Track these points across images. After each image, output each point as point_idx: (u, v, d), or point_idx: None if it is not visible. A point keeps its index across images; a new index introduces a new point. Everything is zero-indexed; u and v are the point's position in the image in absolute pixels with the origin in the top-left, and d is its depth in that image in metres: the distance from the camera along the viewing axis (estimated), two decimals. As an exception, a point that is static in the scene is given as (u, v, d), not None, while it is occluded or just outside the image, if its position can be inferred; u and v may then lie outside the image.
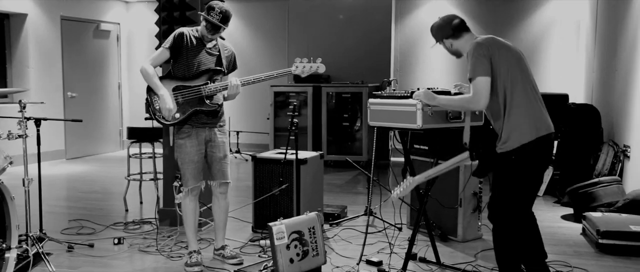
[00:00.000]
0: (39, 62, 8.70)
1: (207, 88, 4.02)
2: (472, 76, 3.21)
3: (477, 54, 3.22)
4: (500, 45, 3.32)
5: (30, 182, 4.09)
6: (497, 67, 3.22)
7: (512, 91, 3.23)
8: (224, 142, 4.21)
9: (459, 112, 3.74)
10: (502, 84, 3.23)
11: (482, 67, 3.19)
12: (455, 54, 3.51)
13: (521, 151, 3.18)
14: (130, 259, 4.36)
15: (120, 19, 10.35)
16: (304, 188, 4.78)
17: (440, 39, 3.49)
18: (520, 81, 3.26)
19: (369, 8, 9.11)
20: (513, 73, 3.25)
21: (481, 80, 3.19)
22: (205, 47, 4.10)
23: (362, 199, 6.38)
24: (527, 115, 3.22)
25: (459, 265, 4.12)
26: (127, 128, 5.94)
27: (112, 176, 8.35)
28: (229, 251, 4.29)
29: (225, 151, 4.21)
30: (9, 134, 3.87)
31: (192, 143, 4.09)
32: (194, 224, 4.21)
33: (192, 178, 4.12)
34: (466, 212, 4.71)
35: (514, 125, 3.21)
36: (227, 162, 4.24)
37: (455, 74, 8.99)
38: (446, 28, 3.46)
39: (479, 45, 3.26)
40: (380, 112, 3.80)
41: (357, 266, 4.09)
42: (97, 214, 5.72)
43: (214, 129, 4.14)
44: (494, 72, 3.22)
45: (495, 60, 3.23)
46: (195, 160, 4.11)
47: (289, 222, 3.75)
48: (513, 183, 3.26)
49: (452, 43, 3.47)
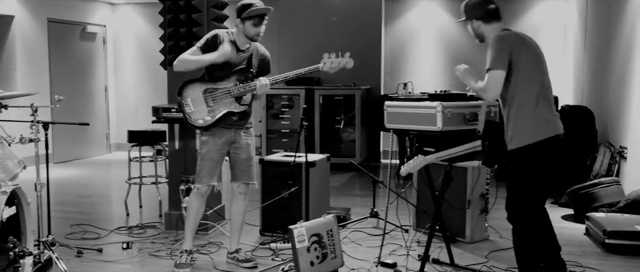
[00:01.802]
0: (26, 64, 8.55)
1: (235, 89, 4.00)
2: (489, 68, 3.29)
3: (498, 46, 3.30)
4: (523, 43, 3.38)
5: (42, 187, 4.03)
6: (516, 63, 3.30)
7: (524, 90, 3.31)
8: (248, 144, 4.17)
9: (475, 115, 3.78)
10: (516, 81, 3.30)
11: (500, 60, 3.26)
12: (478, 36, 3.55)
13: (527, 150, 3.28)
14: (141, 263, 4.31)
15: (106, 21, 10.23)
16: (313, 191, 4.79)
17: (470, 18, 3.51)
18: (533, 82, 3.34)
19: (358, 10, 9.15)
20: (529, 73, 3.33)
21: (495, 73, 3.26)
22: (238, 49, 4.07)
23: (360, 201, 6.40)
24: (534, 117, 3.31)
25: (472, 266, 4.16)
26: (128, 131, 5.88)
27: (104, 179, 8.26)
28: (243, 254, 4.27)
29: (250, 153, 4.17)
30: (21, 138, 3.80)
31: (215, 142, 4.08)
32: (194, 223, 4.19)
33: (207, 175, 4.09)
34: (474, 214, 4.76)
35: (520, 125, 3.31)
36: (252, 164, 4.21)
37: (445, 76, 9.08)
38: (480, 10, 3.49)
39: (502, 38, 3.34)
40: (397, 114, 3.83)
41: (376, 267, 4.11)
42: (98, 219, 5.64)
43: (239, 130, 4.12)
44: (511, 67, 3.28)
45: (515, 57, 3.30)
46: (215, 159, 4.09)
47: (309, 225, 3.76)
48: (523, 181, 3.35)
49: (480, 26, 3.50)
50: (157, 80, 10.13)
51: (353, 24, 9.16)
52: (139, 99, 10.45)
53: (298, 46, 9.42)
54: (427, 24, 9.23)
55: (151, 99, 10.27)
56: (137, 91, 10.47)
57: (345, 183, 7.57)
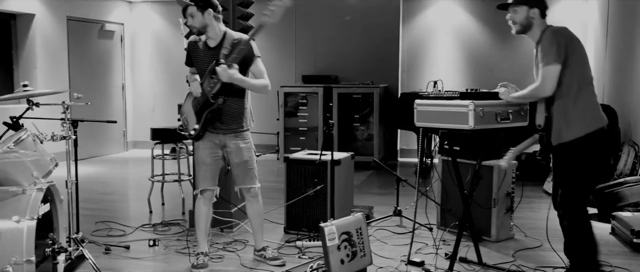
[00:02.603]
0: (46, 62, 8.61)
1: (202, 87, 3.96)
2: (546, 63, 3.32)
3: (555, 40, 3.33)
4: (574, 37, 3.43)
5: (73, 184, 4.05)
6: (570, 56, 3.34)
7: (580, 82, 3.37)
8: (240, 148, 4.07)
9: (507, 114, 3.77)
10: (571, 73, 3.35)
11: (556, 54, 3.31)
12: (525, 26, 3.52)
13: (585, 140, 3.32)
14: (169, 261, 4.33)
15: (124, 19, 10.27)
16: (338, 189, 4.79)
17: (531, 5, 3.47)
18: (586, 75, 3.41)
19: (377, 9, 9.15)
20: (581, 67, 3.39)
21: (553, 68, 3.32)
22: (210, 48, 4.00)
23: (381, 199, 6.39)
24: (589, 108, 3.38)
25: (500, 265, 4.15)
26: (151, 129, 5.90)
27: (123, 177, 8.30)
28: (271, 252, 4.28)
29: (242, 157, 4.08)
30: (53, 135, 3.83)
31: (205, 145, 4.08)
32: (205, 227, 4.18)
33: (202, 180, 4.10)
34: (500, 213, 4.75)
35: (580, 114, 3.36)
36: (249, 168, 4.12)
37: (462, 74, 9.06)
38: (543, 2, 3.51)
39: (558, 32, 3.38)
40: (428, 113, 3.82)
41: (406, 265, 4.11)
42: (121, 216, 5.68)
43: (228, 134, 4.06)
44: (566, 61, 3.32)
45: (570, 50, 3.34)
46: (208, 162, 4.08)
47: (339, 223, 3.76)
48: (579, 171, 3.40)
49: (534, 15, 3.48)
50: (174, 78, 10.18)
51: (371, 22, 9.16)
52: (155, 97, 10.50)
53: (315, 45, 9.43)
54: (445, 22, 9.21)
55: (168, 97, 10.32)
56: (154, 89, 10.51)
57: (365, 181, 7.56)
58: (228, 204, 4.99)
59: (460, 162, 4.76)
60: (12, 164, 3.50)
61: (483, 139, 4.02)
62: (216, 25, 3.97)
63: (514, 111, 3.80)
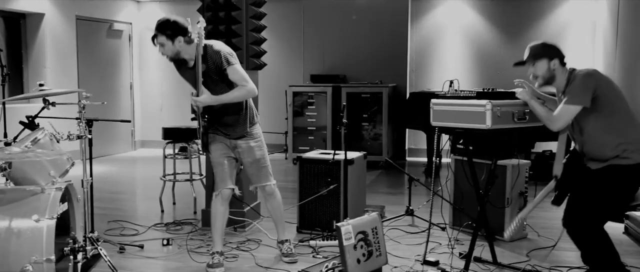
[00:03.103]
0: (55, 62, 8.62)
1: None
2: (568, 101, 3.37)
3: (585, 83, 3.37)
4: (604, 77, 3.49)
5: (89, 184, 4.06)
6: (605, 94, 3.37)
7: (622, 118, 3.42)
8: (251, 147, 4.11)
9: (523, 114, 3.76)
10: (610, 110, 3.39)
11: (582, 96, 3.35)
12: (547, 78, 3.55)
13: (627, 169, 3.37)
14: (183, 260, 4.34)
15: (132, 19, 10.28)
16: (351, 188, 4.79)
17: (551, 57, 3.51)
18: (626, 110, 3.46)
19: (385, 8, 9.14)
20: (622, 101, 3.44)
21: (572, 108, 3.37)
22: (189, 68, 3.99)
23: (392, 199, 6.39)
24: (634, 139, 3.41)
25: (515, 264, 4.14)
26: (163, 128, 5.90)
27: (132, 176, 8.31)
28: (287, 248, 4.31)
29: (254, 156, 4.12)
30: (69, 135, 3.84)
31: (218, 147, 4.12)
32: (221, 227, 4.20)
33: (221, 181, 4.13)
34: (513, 212, 4.74)
35: (634, 140, 3.37)
36: (262, 165, 4.17)
37: (471, 74, 9.05)
38: (560, 52, 3.55)
39: (590, 75, 3.41)
40: (444, 112, 3.82)
41: (422, 265, 4.11)
42: (133, 215, 5.69)
43: (236, 140, 4.10)
44: (601, 100, 3.36)
45: (603, 88, 3.38)
46: (222, 162, 4.12)
47: (355, 222, 3.76)
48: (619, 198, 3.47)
49: (555, 65, 3.51)
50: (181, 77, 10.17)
51: (379, 21, 9.15)
52: (163, 96, 10.51)
53: (324, 44, 9.43)
54: (454, 22, 9.20)
55: (176, 96, 10.33)
56: (162, 88, 10.53)
57: (374, 181, 7.56)
58: (241, 203, 5.00)
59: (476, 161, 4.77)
60: (29, 164, 3.52)
61: (498, 138, 4.01)
62: (188, 48, 3.89)
63: (530, 111, 3.78)
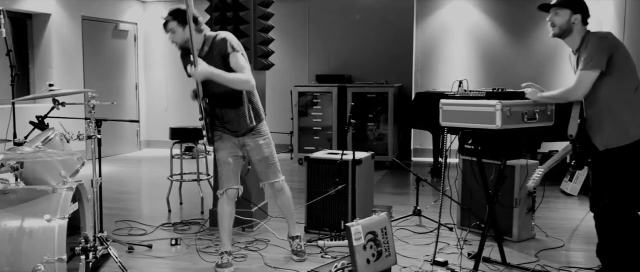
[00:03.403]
0: (61, 62, 8.64)
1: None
2: (584, 67, 3.31)
3: (600, 46, 3.31)
4: (619, 43, 3.42)
5: (98, 183, 4.07)
6: (618, 59, 3.31)
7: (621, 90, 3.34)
8: (259, 145, 4.11)
9: (533, 113, 3.76)
10: (620, 79, 3.32)
11: (598, 61, 3.28)
12: (564, 30, 3.47)
13: (624, 150, 3.26)
14: (192, 260, 4.34)
15: (137, 19, 10.30)
16: (358, 188, 4.79)
17: (575, 10, 3.42)
18: (630, 82, 3.37)
19: (391, 8, 9.13)
20: (626, 73, 3.36)
21: (590, 73, 3.30)
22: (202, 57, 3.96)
23: (398, 199, 6.39)
24: (632, 117, 3.33)
25: (524, 265, 4.14)
26: (170, 128, 5.91)
27: (137, 176, 8.32)
28: (296, 245, 4.32)
29: (263, 153, 4.12)
30: (79, 135, 3.84)
31: (225, 146, 4.10)
32: (229, 227, 4.19)
33: (226, 180, 4.11)
34: (521, 212, 4.74)
35: (617, 125, 3.27)
36: (271, 164, 4.17)
37: (476, 73, 9.04)
38: (586, 9, 3.47)
39: (604, 38, 3.35)
40: (454, 112, 3.82)
41: (431, 265, 4.11)
42: (140, 215, 5.70)
43: (244, 136, 4.09)
44: (613, 64, 3.30)
45: (617, 55, 3.32)
46: (229, 162, 4.10)
47: (364, 222, 3.76)
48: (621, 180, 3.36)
49: (576, 20, 3.43)
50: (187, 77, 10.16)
51: (384, 21, 9.15)
52: (169, 97, 10.52)
53: (329, 44, 9.43)
54: (459, 22, 9.19)
55: (181, 96, 10.35)
56: (167, 89, 10.54)
57: (380, 181, 7.56)
58: (248, 203, 5.00)
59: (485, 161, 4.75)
60: (40, 164, 3.53)
61: (508, 138, 4.00)
62: (197, 36, 3.89)
63: (540, 111, 3.79)
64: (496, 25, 9.08)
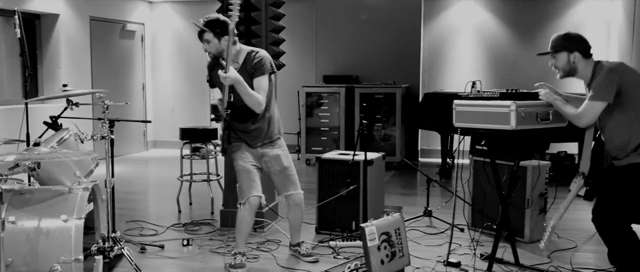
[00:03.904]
0: (69, 62, 8.65)
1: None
2: (592, 98, 3.37)
3: (609, 78, 3.35)
4: (631, 70, 3.45)
5: (112, 184, 4.07)
6: (629, 86, 3.34)
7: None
8: (278, 155, 4.11)
9: (547, 114, 3.75)
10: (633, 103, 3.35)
11: (607, 92, 3.34)
12: (568, 71, 3.55)
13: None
14: (204, 260, 4.34)
15: (144, 19, 10.31)
16: (370, 189, 4.79)
17: (571, 50, 3.50)
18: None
19: (398, 8, 9.12)
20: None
21: (597, 104, 3.37)
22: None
23: (407, 200, 6.39)
24: None
25: (538, 266, 4.13)
26: (180, 129, 5.91)
27: (145, 176, 8.33)
28: (305, 248, 4.31)
29: (283, 164, 4.12)
30: (93, 135, 3.85)
31: (245, 155, 4.07)
32: (247, 233, 4.14)
33: (247, 188, 4.01)
34: (533, 213, 4.73)
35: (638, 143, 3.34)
36: (289, 174, 4.15)
37: (483, 74, 9.03)
38: (582, 44, 3.53)
39: (613, 70, 3.39)
40: (467, 113, 3.81)
41: (445, 266, 4.11)
42: (150, 215, 5.70)
43: (264, 146, 4.09)
44: (624, 95, 3.34)
45: (627, 82, 3.35)
46: (249, 169, 4.04)
47: (379, 223, 3.76)
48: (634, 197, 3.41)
49: (575, 58, 3.50)
50: (194, 78, 10.22)
51: (392, 22, 9.14)
52: (175, 97, 10.53)
53: (336, 45, 9.42)
54: (466, 22, 9.18)
55: (188, 96, 10.35)
56: (174, 89, 10.54)
57: (388, 182, 7.55)
58: (260, 204, 5.00)
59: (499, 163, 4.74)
60: (55, 164, 3.54)
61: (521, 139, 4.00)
62: (232, 48, 3.90)
63: (554, 112, 3.78)
64: (504, 26, 9.07)
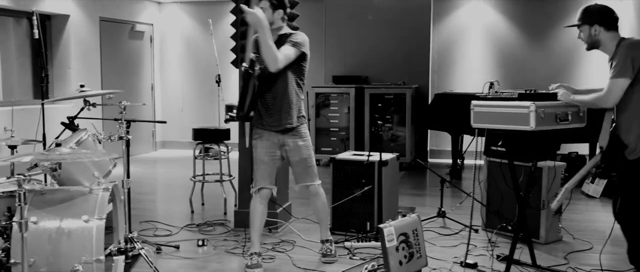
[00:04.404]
0: (79, 63, 8.66)
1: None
2: (614, 75, 3.30)
3: (630, 54, 3.28)
4: None
5: (128, 184, 4.08)
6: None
7: None
8: (299, 146, 4.12)
9: (566, 115, 3.74)
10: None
11: (626, 68, 3.27)
12: (591, 44, 3.52)
13: None
14: (221, 261, 4.34)
15: (153, 20, 10.31)
16: (385, 190, 4.78)
17: (592, 23, 3.47)
18: None
19: (407, 9, 9.11)
20: None
21: (620, 81, 3.28)
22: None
23: (418, 201, 6.38)
24: None
25: (555, 267, 4.12)
26: (193, 130, 5.92)
27: (154, 177, 8.33)
28: (326, 248, 4.33)
29: (301, 154, 4.13)
30: (110, 136, 3.85)
31: (263, 144, 4.09)
32: (260, 226, 4.18)
33: (260, 179, 4.10)
34: (549, 214, 4.72)
35: None
36: (309, 166, 4.17)
37: (493, 74, 9.01)
38: (604, 16, 3.48)
39: (632, 46, 3.32)
40: (486, 113, 3.80)
41: (463, 267, 4.10)
42: (163, 216, 5.69)
43: (286, 134, 4.09)
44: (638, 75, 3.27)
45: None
46: (265, 161, 4.09)
47: (397, 224, 3.75)
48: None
49: (600, 32, 3.46)
50: (202, 78, 10.23)
51: (401, 22, 9.12)
52: (184, 97, 10.54)
53: (345, 46, 9.41)
54: (476, 22, 9.17)
55: (197, 97, 10.36)
56: (183, 90, 10.55)
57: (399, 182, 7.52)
58: (274, 204, 5.00)
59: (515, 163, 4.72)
60: (74, 164, 3.54)
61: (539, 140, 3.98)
62: (279, 24, 4.06)
63: (572, 112, 3.77)
64: (513, 26, 9.05)
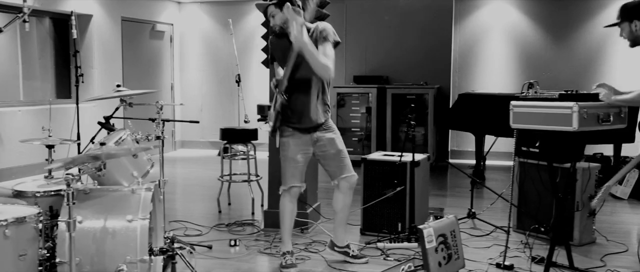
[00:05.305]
0: (102, 62, 8.69)
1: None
2: None
3: None
4: None
5: (165, 184, 4.08)
6: None
7: None
8: (333, 138, 4.10)
9: (608, 115, 3.70)
10: None
11: None
12: (632, 40, 3.52)
13: None
14: (254, 261, 4.34)
15: (173, 20, 10.33)
16: (417, 191, 4.76)
17: (631, 19, 3.47)
18: None
19: (429, 9, 9.07)
20: None
21: None
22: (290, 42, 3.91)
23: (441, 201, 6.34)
24: None
25: (593, 269, 4.08)
26: (220, 129, 5.92)
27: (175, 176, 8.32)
28: (355, 251, 4.28)
29: (337, 146, 4.11)
30: (148, 136, 3.85)
31: (296, 142, 4.05)
32: (290, 225, 4.17)
33: (291, 177, 4.07)
34: (583, 216, 4.67)
35: None
36: (343, 156, 4.13)
37: (515, 75, 8.96)
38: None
39: None
40: (526, 114, 3.77)
41: (502, 269, 4.07)
42: (190, 215, 5.68)
43: (317, 131, 4.08)
44: None
45: None
46: (298, 160, 4.06)
47: (436, 225, 3.72)
48: None
49: (638, 27, 3.46)
50: (222, 78, 10.24)
51: (423, 22, 9.09)
52: (204, 97, 10.55)
53: (366, 46, 9.38)
54: (498, 22, 9.12)
55: (216, 97, 10.37)
56: (202, 90, 10.56)
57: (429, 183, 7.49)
58: (304, 204, 4.99)
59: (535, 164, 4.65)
60: (114, 164, 3.54)
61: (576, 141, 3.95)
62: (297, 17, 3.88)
63: (614, 113, 3.73)
64: (536, 26, 8.99)
